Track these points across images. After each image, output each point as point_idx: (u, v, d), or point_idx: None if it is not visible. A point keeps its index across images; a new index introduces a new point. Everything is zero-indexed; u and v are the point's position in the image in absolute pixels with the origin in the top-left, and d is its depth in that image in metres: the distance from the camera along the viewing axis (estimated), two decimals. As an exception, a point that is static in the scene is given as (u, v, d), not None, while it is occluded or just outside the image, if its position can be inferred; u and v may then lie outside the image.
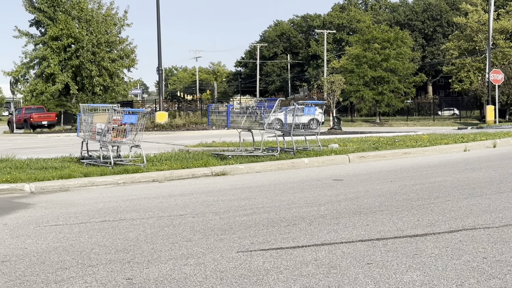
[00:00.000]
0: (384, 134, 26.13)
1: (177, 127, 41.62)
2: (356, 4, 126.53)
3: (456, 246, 5.95)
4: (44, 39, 48.95)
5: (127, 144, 13.67)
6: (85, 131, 14.33)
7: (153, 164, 13.46)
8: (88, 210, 8.69)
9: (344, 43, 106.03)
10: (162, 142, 25.55)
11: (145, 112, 14.18)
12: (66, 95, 50.82)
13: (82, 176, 11.95)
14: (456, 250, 5.78)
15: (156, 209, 8.63)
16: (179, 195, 10.07)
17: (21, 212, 8.70)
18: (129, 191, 10.85)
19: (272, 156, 14.89)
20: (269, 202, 8.98)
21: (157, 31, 44.26)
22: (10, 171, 12.55)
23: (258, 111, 15.68)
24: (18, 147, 26.79)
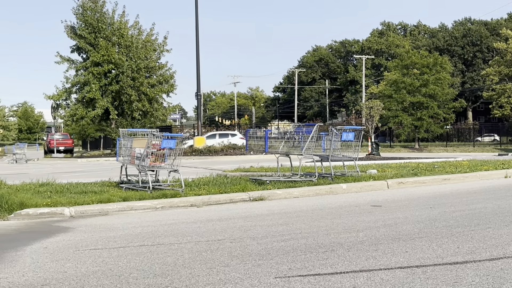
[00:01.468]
0: (423, 160, 25.89)
1: (215, 152, 41.77)
2: (395, 30, 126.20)
3: (497, 274, 5.85)
4: (85, 65, 49.64)
5: (165, 168, 13.75)
6: (124, 156, 14.46)
7: (191, 189, 13.51)
8: (126, 235, 8.74)
9: (383, 69, 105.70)
10: (200, 167, 25.64)
11: (183, 137, 14.28)
12: (106, 120, 51.37)
13: (121, 200, 12.04)
14: (497, 279, 5.68)
15: (194, 234, 8.65)
16: (217, 220, 10.08)
17: (61, 236, 8.79)
18: (167, 215, 10.90)
19: (310, 181, 14.85)
20: (307, 227, 8.94)
21: (196, 57, 44.66)
22: (51, 195, 12.70)
23: (296, 136, 15.68)
24: (58, 171, 27.11)
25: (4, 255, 7.44)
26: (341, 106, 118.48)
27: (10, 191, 12.97)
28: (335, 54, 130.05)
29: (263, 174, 17.72)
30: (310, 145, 14.99)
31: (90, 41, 49.57)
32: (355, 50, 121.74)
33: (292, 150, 15.48)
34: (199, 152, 41.38)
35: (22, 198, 11.66)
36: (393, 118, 60.64)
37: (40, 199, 11.95)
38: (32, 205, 11.31)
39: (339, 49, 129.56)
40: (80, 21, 50.28)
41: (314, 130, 15.05)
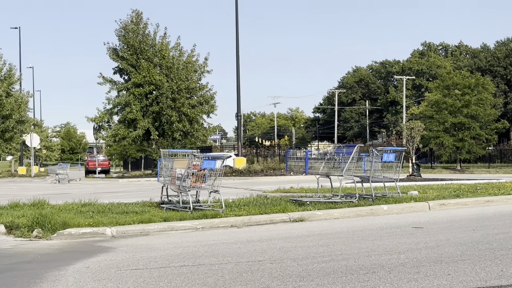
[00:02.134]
0: (465, 181, 25.59)
1: (255, 173, 41.82)
2: (436, 50, 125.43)
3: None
4: (127, 86, 50.18)
5: (206, 189, 13.80)
6: (165, 176, 14.55)
7: (231, 210, 13.53)
8: (167, 255, 8.78)
9: (424, 89, 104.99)
10: (240, 188, 25.68)
11: (224, 158, 14.31)
12: (147, 140, 51.78)
13: (162, 220, 12.11)
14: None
15: (234, 254, 8.66)
16: (257, 240, 10.07)
17: (103, 256, 8.86)
18: (207, 236, 10.93)
19: (350, 202, 14.78)
20: (348, 249, 8.89)
21: (236, 78, 44.91)
22: (93, 215, 12.83)
23: (336, 157, 15.63)
24: (100, 191, 27.37)
25: (47, 274, 7.53)
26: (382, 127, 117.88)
27: (53, 211, 13.13)
28: (375, 74, 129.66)
29: (303, 195, 17.68)
30: (350, 166, 14.93)
31: (131, 62, 50.16)
32: (395, 70, 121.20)
33: (333, 171, 15.43)
34: (239, 173, 41.49)
35: (64, 218, 11.80)
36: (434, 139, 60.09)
37: (82, 219, 12.09)
38: (75, 225, 11.43)
39: (380, 70, 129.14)
40: (122, 43, 50.94)
41: (355, 151, 14.98)
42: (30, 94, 64.09)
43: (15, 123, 58.74)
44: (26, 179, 55.96)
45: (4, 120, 58.23)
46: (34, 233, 11.20)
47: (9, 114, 58.30)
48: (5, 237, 11.36)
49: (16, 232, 11.56)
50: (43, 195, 18.88)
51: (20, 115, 59.60)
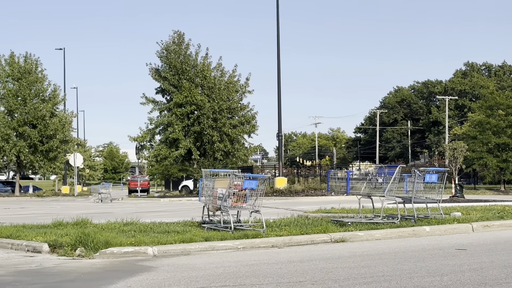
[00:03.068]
0: (509, 203, 25.21)
1: (296, 193, 41.74)
2: (479, 70, 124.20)
3: None
4: (169, 106, 50.52)
5: (247, 209, 13.81)
6: (206, 196, 14.60)
7: (272, 230, 13.52)
8: (208, 275, 8.79)
9: (466, 109, 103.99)
10: (281, 208, 25.65)
11: (265, 178, 14.33)
12: (188, 160, 52.00)
13: (203, 240, 12.14)
14: None
15: (275, 275, 8.64)
16: (298, 261, 10.04)
17: (144, 275, 8.91)
18: (248, 256, 10.92)
19: (392, 223, 14.67)
20: (390, 270, 8.81)
21: (277, 98, 45.03)
22: (135, 234, 12.92)
23: (378, 178, 15.55)
24: (141, 210, 27.58)
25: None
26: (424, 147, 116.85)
27: (96, 230, 13.26)
28: (417, 95, 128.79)
29: (344, 215, 17.59)
30: (392, 187, 14.83)
31: (173, 82, 50.55)
32: (437, 90, 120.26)
33: (374, 192, 15.34)
34: (280, 193, 41.45)
35: (107, 237, 11.89)
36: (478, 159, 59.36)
37: (124, 238, 12.17)
38: (117, 244, 11.52)
39: (422, 90, 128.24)
40: (164, 64, 51.39)
41: (397, 172, 14.88)
42: (74, 114, 65.02)
43: (59, 142, 59.57)
44: (69, 198, 56.63)
45: (48, 140, 59.09)
46: (77, 251, 11.31)
47: (53, 134, 59.18)
48: (48, 256, 11.49)
49: (59, 251, 11.69)
50: (86, 214, 19.10)
51: (64, 135, 60.48)
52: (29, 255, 11.72)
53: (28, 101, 58.53)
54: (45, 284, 8.37)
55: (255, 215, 14.50)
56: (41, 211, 28.35)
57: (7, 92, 58.61)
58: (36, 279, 8.80)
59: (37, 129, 58.28)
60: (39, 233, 13.43)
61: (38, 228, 14.88)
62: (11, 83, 59.63)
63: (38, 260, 10.87)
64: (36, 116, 58.07)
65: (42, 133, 58.45)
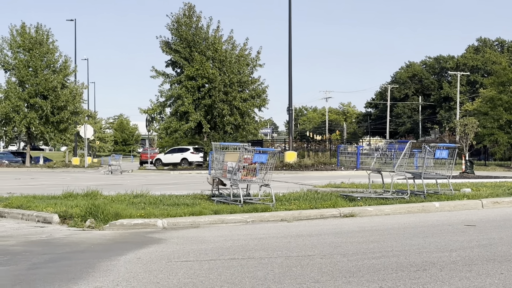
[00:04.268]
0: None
1: (306, 167, 41.75)
2: (492, 46, 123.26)
3: None
4: (180, 79, 50.42)
5: (256, 183, 13.82)
6: (216, 169, 14.62)
7: (281, 204, 13.54)
8: (217, 248, 8.82)
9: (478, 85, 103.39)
10: (291, 182, 25.68)
11: (275, 152, 14.31)
12: (198, 133, 52.03)
13: (212, 213, 12.17)
14: None
15: (284, 248, 8.66)
16: (307, 235, 10.06)
17: (154, 247, 8.95)
18: (257, 229, 10.95)
19: (401, 199, 14.66)
20: (399, 245, 8.82)
21: (288, 72, 44.87)
22: (144, 207, 12.96)
23: (388, 153, 15.50)
24: (151, 182, 27.66)
25: (100, 264, 7.64)
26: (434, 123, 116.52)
27: (106, 201, 13.31)
28: (429, 70, 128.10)
29: (354, 190, 17.60)
30: (402, 162, 14.80)
31: (184, 55, 50.39)
32: (449, 66, 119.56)
33: (384, 167, 15.31)
34: (289, 167, 41.47)
35: (117, 208, 11.94)
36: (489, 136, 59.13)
37: (134, 210, 12.22)
38: (127, 216, 11.57)
39: (433, 65, 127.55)
40: (175, 36, 51.18)
41: (407, 147, 14.84)
42: (84, 85, 64.97)
43: (69, 114, 59.66)
44: (80, 169, 56.85)
45: (59, 111, 59.18)
46: (87, 223, 11.37)
47: (64, 106, 59.25)
48: (59, 227, 11.57)
49: (69, 222, 11.76)
50: (96, 186, 19.17)
51: (74, 106, 60.54)
52: (40, 225, 11.80)
53: (39, 72, 58.52)
54: (55, 254, 8.42)
55: (264, 189, 14.52)
56: (51, 182, 28.50)
57: (18, 62, 58.56)
58: (47, 249, 8.86)
59: (48, 100, 58.33)
60: (49, 204, 13.49)
61: (49, 199, 14.96)
62: (22, 54, 59.59)
63: (48, 231, 10.94)
64: (47, 87, 58.10)
65: (53, 104, 58.52)
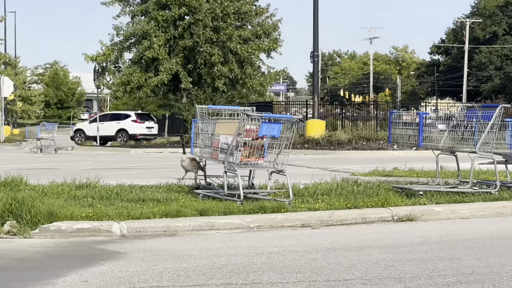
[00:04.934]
0: None
1: (339, 144, 41.69)
2: None
3: None
4: (146, 7, 50.09)
5: (264, 168, 13.79)
6: (202, 147, 14.59)
7: (302, 200, 13.55)
8: (205, 267, 8.82)
9: None
10: (316, 167, 25.71)
11: (293, 120, 14.25)
12: (174, 91, 51.93)
13: (197, 214, 12.18)
14: None
15: (307, 269, 8.66)
16: (342, 249, 10.07)
17: (108, 265, 8.93)
18: (266, 240, 10.95)
19: (487, 194, 14.64)
20: (483, 266, 8.83)
21: None
22: (93, 203, 12.96)
23: (466, 124, 15.47)
24: (102, 166, 27.71)
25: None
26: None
27: (34, 194, 13.25)
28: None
29: (413, 180, 17.56)
30: (488, 138, 14.77)
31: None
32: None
33: (460, 145, 15.30)
34: (314, 144, 41.39)
35: (51, 205, 11.90)
36: None
37: (77, 208, 12.22)
38: (66, 216, 11.56)
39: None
40: None
41: (496, 115, 14.78)
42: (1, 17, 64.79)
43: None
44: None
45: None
46: (6, 227, 11.36)
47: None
48: (-40, 233, 11.55)
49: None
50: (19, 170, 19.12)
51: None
52: None
53: None
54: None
55: (276, 177, 14.52)
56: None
57: None
58: None
59: None
60: None
61: None
62: None
63: None
64: None
65: None
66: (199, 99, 47.32)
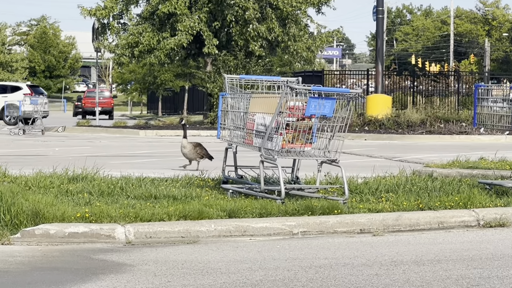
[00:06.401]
0: None
1: (409, 126, 41.65)
2: None
3: None
4: None
5: (312, 157, 13.79)
6: (232, 129, 14.60)
7: (361, 199, 13.58)
8: (234, 283, 8.83)
9: None
10: (379, 155, 25.71)
11: (349, 96, 14.23)
12: (196, 56, 51.97)
13: (225, 215, 12.20)
14: None
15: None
16: (413, 262, 10.07)
17: (109, 281, 8.93)
18: (314, 249, 10.97)
19: None
20: None
21: None
22: (90, 200, 13.01)
23: None
24: (102, 152, 27.78)
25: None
26: None
27: (15, 188, 13.27)
28: None
29: (505, 174, 17.52)
30: None
31: None
32: None
33: None
34: (377, 126, 41.38)
35: (36, 203, 11.95)
36: None
37: (70, 206, 12.27)
38: (56, 217, 11.60)
39: None
40: None
41: None
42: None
43: None
44: (-38, 124, 57.26)
45: None
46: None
47: None
48: None
49: None
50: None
51: None
52: None
53: None
54: None
55: (328, 169, 14.54)
56: None
57: None
58: None
59: None
60: None
61: None
62: None
63: None
64: None
65: None
66: (228, 67, 47.25)
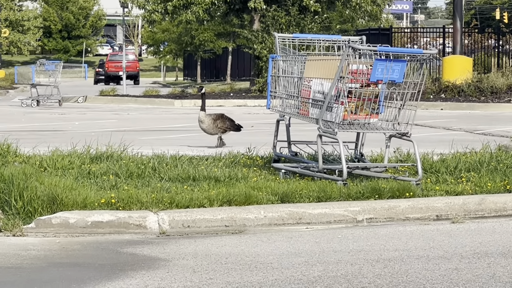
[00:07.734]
0: None
1: (493, 93, 41.50)
2: None
3: None
4: None
5: (380, 130, 13.77)
6: (285, 97, 14.60)
7: (437, 180, 13.57)
8: (288, 280, 8.80)
9: None
10: (458, 128, 25.67)
11: (423, 57, 14.18)
12: (240, 12, 51.96)
13: (276, 200, 12.21)
14: None
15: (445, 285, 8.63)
16: (499, 254, 10.03)
17: (141, 278, 8.92)
18: (382, 239, 10.95)
19: None
20: None
21: None
22: (117, 183, 13.02)
23: None
24: (132, 127, 27.84)
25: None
26: None
27: (28, 170, 13.32)
28: None
29: None
30: None
31: None
32: None
33: None
34: (455, 93, 41.27)
35: (53, 187, 11.99)
36: None
37: (93, 190, 12.30)
38: (76, 203, 11.64)
39: None
40: None
41: None
42: None
43: None
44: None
45: None
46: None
47: None
48: None
49: None
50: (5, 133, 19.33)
51: None
52: None
53: None
54: None
55: (398, 144, 14.53)
56: None
57: None
58: None
59: None
60: None
61: None
62: None
63: None
64: None
65: None
66: (278, 25, 47.16)
